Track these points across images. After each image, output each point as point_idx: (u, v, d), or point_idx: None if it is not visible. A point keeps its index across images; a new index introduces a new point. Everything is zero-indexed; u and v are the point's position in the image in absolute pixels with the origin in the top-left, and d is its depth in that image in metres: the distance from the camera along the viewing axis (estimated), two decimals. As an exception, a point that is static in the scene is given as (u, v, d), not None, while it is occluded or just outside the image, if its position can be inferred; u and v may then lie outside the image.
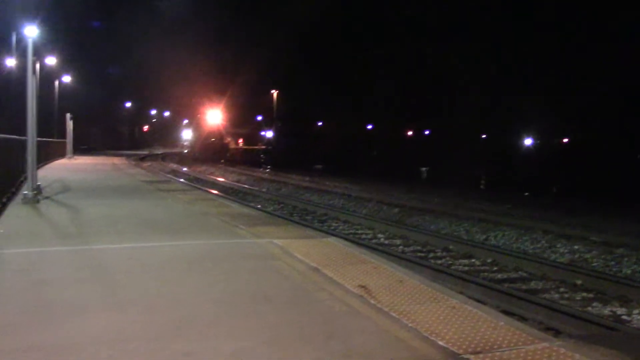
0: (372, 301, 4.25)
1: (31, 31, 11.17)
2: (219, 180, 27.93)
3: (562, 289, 8.11)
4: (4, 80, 36.04)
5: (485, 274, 8.99)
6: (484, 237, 12.63)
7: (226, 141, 70.33)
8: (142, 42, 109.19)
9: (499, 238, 12.43)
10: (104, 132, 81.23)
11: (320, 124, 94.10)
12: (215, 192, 20.43)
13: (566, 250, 10.99)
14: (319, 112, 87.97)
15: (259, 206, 17.23)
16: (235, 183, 26.22)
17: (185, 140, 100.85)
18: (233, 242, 6.83)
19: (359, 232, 12.93)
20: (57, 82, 41.77)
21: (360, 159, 45.97)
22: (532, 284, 8.44)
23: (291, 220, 13.33)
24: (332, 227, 13.51)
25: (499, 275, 8.91)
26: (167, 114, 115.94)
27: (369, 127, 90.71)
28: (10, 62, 37.55)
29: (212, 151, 62.99)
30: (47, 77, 37.06)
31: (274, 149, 68.49)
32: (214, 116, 70.12)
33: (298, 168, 38.19)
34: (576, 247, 11.14)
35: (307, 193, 22.20)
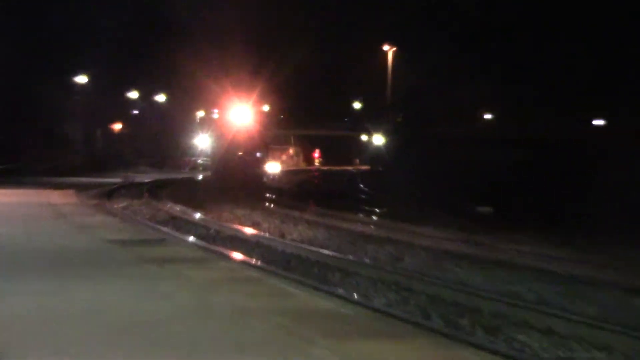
0: None
1: None
2: (266, 238, 28.17)
3: None
4: None
5: None
6: None
7: (257, 158, 71.84)
8: None
9: None
10: (35, 139, 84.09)
11: (488, 116, 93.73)
12: (259, 263, 20.66)
13: None
14: (485, 98, 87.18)
15: (355, 295, 17.25)
16: (303, 245, 26.41)
17: (200, 155, 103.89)
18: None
19: (578, 356, 12.66)
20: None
21: (578, 192, 45.23)
22: None
23: (426, 328, 13.23)
24: (518, 344, 13.33)
25: None
26: (161, 99, 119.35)
27: (597, 122, 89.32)
28: None
29: (235, 176, 64.26)
30: None
31: (387, 170, 68.97)
32: (242, 112, 71.81)
33: (439, 210, 38.09)
34: None
35: (460, 267, 22.00)
